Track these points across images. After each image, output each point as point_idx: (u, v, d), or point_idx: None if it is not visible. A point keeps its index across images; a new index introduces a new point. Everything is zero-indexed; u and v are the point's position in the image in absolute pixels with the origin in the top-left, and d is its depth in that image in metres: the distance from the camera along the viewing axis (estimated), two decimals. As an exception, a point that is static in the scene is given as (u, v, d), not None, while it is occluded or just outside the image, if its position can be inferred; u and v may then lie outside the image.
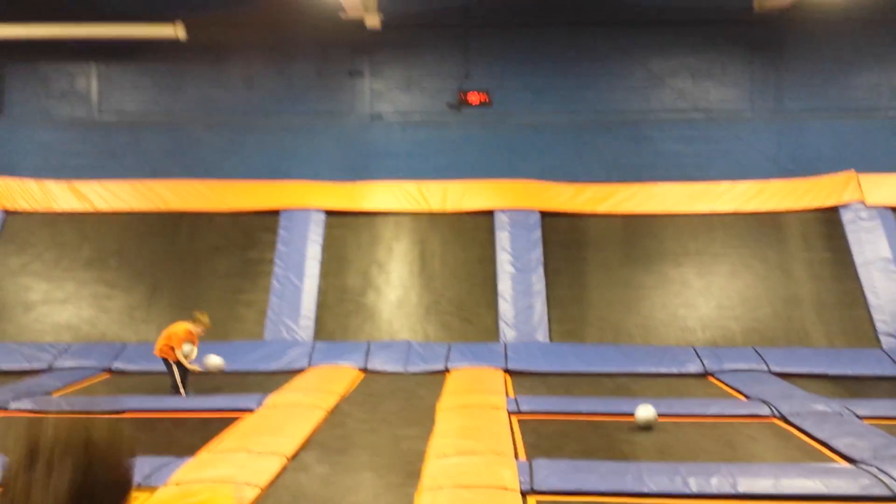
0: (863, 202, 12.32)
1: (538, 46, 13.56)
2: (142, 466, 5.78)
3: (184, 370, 8.87)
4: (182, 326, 8.92)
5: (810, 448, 6.74)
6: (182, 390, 8.83)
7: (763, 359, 10.39)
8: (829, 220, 12.35)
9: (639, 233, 12.48)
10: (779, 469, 5.82)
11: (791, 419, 7.48)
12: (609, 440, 7.02)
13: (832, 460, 6.35)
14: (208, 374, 9.18)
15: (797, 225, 12.38)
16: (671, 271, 12.01)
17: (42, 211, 12.92)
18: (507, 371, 10.28)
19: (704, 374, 10.16)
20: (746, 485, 5.45)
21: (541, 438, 7.04)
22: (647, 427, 7.29)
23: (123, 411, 8.00)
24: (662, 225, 12.52)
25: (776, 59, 13.43)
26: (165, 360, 8.88)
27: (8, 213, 12.88)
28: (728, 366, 10.28)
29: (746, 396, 8.69)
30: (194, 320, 9.03)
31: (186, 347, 8.81)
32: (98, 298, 12.02)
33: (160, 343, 8.89)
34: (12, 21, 12.86)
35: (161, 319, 11.70)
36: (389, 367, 10.47)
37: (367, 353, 10.73)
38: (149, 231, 12.75)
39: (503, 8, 13.43)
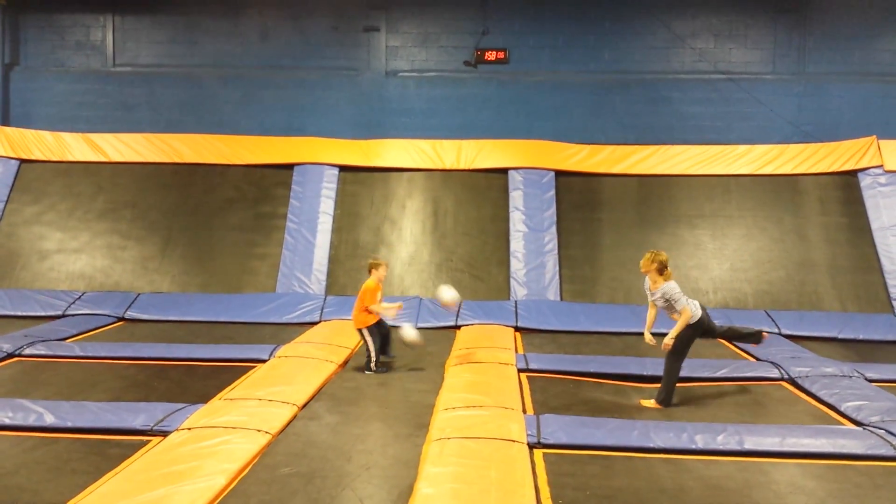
0: (882, 167, 12.18)
1: (557, 4, 13.37)
2: (154, 412, 5.88)
3: (383, 338, 8.04)
4: (369, 282, 7.94)
5: (819, 411, 6.74)
6: (373, 364, 7.86)
7: (774, 321, 10.38)
8: (846, 185, 12.24)
9: (654, 194, 12.41)
10: (786, 429, 5.83)
11: (800, 381, 7.47)
12: (617, 399, 7.05)
13: (840, 423, 6.35)
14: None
15: (814, 189, 12.27)
16: (685, 233, 11.96)
17: (57, 161, 12.99)
18: (517, 329, 10.31)
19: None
20: (753, 442, 5.47)
21: (549, 396, 7.07)
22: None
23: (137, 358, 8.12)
24: (678, 186, 12.44)
25: (800, 20, 13.19)
26: (360, 331, 7.98)
27: (23, 162, 12.96)
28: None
29: (756, 358, 8.68)
30: (372, 269, 8.05)
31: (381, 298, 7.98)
32: (112, 249, 12.11)
33: (354, 313, 8.02)
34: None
35: (174, 270, 11.84)
36: (400, 323, 10.49)
37: (379, 309, 10.78)
38: (163, 183, 12.79)
39: (523, -37, 13.22)
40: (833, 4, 13.13)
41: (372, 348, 7.90)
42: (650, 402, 6.90)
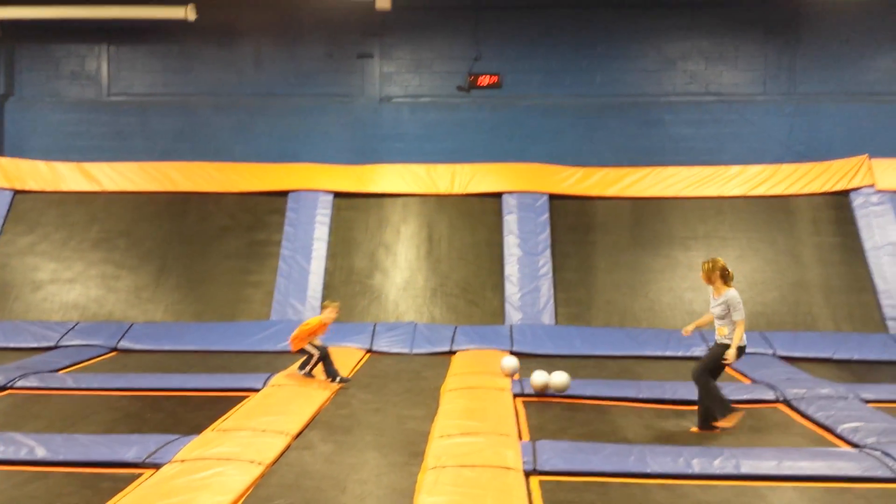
0: (874, 187, 12.24)
1: (549, 28, 13.48)
2: (147, 444, 5.83)
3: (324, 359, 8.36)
4: (318, 320, 8.53)
5: (815, 433, 6.71)
6: (310, 368, 8.40)
7: (769, 343, 10.36)
8: (839, 205, 12.29)
9: (647, 216, 12.44)
10: (782, 452, 5.80)
11: (796, 404, 7.45)
12: (613, 423, 7.01)
13: (836, 445, 6.32)
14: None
15: (807, 209, 12.31)
16: (679, 255, 11.97)
17: (51, 191, 13.00)
18: (512, 353, 10.24)
19: (711, 358, 10.11)
20: (749, 466, 5.44)
21: (545, 420, 7.04)
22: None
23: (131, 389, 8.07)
24: (671, 208, 12.48)
25: (790, 42, 13.30)
26: (303, 349, 8.45)
27: (17, 192, 12.96)
28: (734, 350, 10.24)
29: (752, 380, 8.66)
30: (323, 309, 8.67)
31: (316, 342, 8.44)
32: (106, 278, 12.08)
33: (293, 337, 8.49)
34: (22, 2, 12.89)
35: (168, 299, 11.80)
36: (395, 349, 10.49)
37: (373, 335, 10.76)
38: (157, 212, 12.80)
39: (514, -11, 13.34)
40: (822, 25, 13.25)
41: (315, 355, 8.33)
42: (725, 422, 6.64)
